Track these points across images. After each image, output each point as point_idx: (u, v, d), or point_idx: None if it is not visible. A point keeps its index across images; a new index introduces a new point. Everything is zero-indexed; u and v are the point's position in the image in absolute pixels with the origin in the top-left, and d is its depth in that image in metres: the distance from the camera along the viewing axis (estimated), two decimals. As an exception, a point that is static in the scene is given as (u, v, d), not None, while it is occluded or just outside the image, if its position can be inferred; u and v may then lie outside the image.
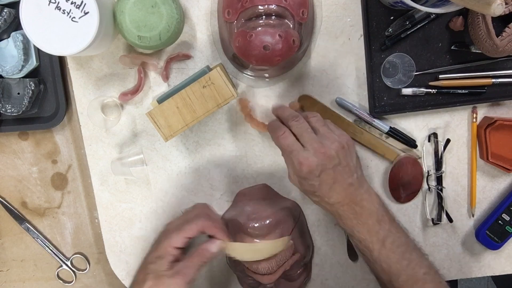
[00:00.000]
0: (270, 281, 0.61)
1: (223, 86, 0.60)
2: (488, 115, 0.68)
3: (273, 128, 0.58)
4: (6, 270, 0.76)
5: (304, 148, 0.54)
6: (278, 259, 0.61)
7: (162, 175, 0.71)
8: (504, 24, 0.59)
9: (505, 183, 0.71)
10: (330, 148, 0.53)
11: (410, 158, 0.68)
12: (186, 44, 0.67)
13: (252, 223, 0.61)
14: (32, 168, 0.73)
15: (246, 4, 0.57)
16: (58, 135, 0.72)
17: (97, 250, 0.75)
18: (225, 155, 0.70)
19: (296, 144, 0.54)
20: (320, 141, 0.54)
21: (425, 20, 0.64)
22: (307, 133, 0.55)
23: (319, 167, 0.53)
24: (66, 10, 0.54)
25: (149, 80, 0.68)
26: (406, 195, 0.70)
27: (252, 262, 0.60)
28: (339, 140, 0.55)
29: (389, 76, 0.67)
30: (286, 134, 0.55)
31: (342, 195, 0.55)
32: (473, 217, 0.72)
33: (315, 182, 0.53)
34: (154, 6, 0.57)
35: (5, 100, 0.66)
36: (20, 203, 0.74)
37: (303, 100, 0.67)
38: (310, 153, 0.53)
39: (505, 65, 0.66)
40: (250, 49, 0.56)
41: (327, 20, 0.66)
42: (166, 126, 0.61)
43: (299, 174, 0.54)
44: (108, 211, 0.72)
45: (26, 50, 0.65)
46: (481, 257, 0.73)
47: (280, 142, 0.55)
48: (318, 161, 0.52)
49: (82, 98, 0.68)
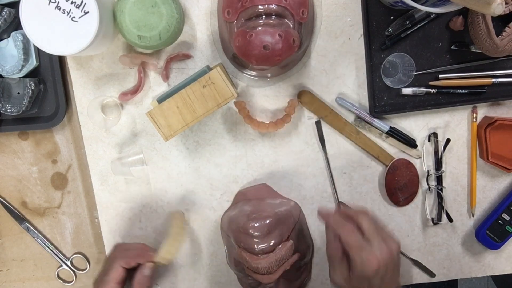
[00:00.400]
0: (270, 281, 0.61)
1: (223, 86, 0.60)
2: (488, 115, 0.68)
3: (338, 223, 0.55)
4: (6, 270, 0.76)
5: (370, 246, 0.52)
6: (278, 259, 0.61)
7: (162, 175, 0.71)
8: (504, 24, 0.60)
9: (505, 183, 0.71)
10: (393, 249, 0.53)
11: (403, 161, 0.68)
12: (186, 44, 0.67)
13: (252, 223, 0.61)
14: (32, 168, 0.73)
15: (246, 4, 0.57)
16: (58, 135, 0.72)
17: (97, 250, 0.75)
18: (225, 155, 0.70)
19: (362, 241, 0.53)
20: (383, 240, 0.53)
21: (425, 19, 0.64)
22: (369, 233, 0.54)
23: (384, 267, 0.52)
24: (66, 10, 0.54)
25: (149, 80, 0.68)
26: (405, 198, 0.70)
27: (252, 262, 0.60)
28: (396, 242, 0.54)
29: (389, 76, 0.67)
30: (354, 231, 0.53)
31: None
32: (473, 217, 0.72)
33: (376, 281, 0.52)
34: (154, 6, 0.57)
35: (5, 100, 0.66)
36: (20, 203, 0.74)
37: (303, 96, 0.67)
38: (377, 252, 0.52)
39: (505, 65, 0.66)
40: (250, 48, 0.56)
41: (327, 20, 0.66)
42: (166, 126, 0.61)
43: (363, 273, 0.52)
44: (108, 211, 0.72)
45: (26, 50, 0.65)
46: (481, 257, 0.73)
47: (350, 238, 0.53)
48: (385, 260, 0.52)
49: (82, 98, 0.68)
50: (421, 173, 0.70)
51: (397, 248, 0.54)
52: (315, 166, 0.70)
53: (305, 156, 0.70)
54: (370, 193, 0.71)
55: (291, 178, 0.70)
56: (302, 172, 0.70)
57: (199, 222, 0.72)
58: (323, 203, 0.71)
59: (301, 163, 0.70)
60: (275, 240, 0.61)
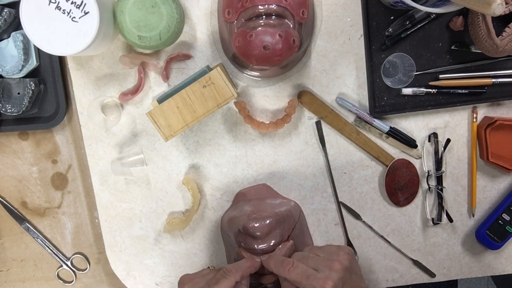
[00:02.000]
0: (270, 281, 0.61)
1: (223, 86, 0.60)
2: (488, 115, 0.68)
3: (277, 264, 0.54)
4: (6, 270, 0.76)
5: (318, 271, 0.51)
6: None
7: (162, 175, 0.71)
8: (504, 24, 0.60)
9: (505, 183, 0.71)
10: (342, 260, 0.52)
11: (403, 161, 0.68)
12: (186, 44, 0.67)
13: (252, 223, 0.61)
14: (32, 168, 0.73)
15: (246, 4, 0.57)
16: (58, 135, 0.72)
17: (97, 250, 0.75)
18: (225, 155, 0.70)
19: (309, 269, 0.51)
20: (328, 258, 0.52)
21: (425, 20, 0.64)
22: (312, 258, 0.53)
23: (340, 281, 0.50)
24: (66, 10, 0.54)
25: (149, 80, 0.68)
26: (405, 199, 0.70)
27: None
28: (344, 251, 0.53)
29: (389, 76, 0.67)
30: (296, 264, 0.52)
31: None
32: (473, 217, 0.72)
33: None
34: (154, 6, 0.57)
35: (5, 100, 0.66)
36: (20, 203, 0.74)
37: (303, 96, 0.67)
38: (326, 272, 0.50)
39: (505, 65, 0.66)
40: (250, 49, 0.56)
41: (327, 20, 0.66)
42: (166, 126, 0.61)
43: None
44: (108, 211, 0.72)
45: (26, 50, 0.65)
46: (481, 257, 0.73)
47: (292, 274, 0.52)
48: (338, 275, 0.50)
49: (82, 98, 0.68)
50: (421, 173, 0.70)
51: (347, 256, 0.53)
52: (315, 166, 0.70)
53: (305, 156, 0.70)
54: (370, 193, 0.71)
55: (291, 178, 0.70)
56: (302, 172, 0.70)
57: (199, 222, 0.72)
58: (323, 203, 0.71)
59: (301, 163, 0.70)
60: (275, 240, 0.60)
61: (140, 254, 0.73)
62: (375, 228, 0.71)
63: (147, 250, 0.73)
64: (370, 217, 0.71)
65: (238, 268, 0.55)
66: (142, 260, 0.73)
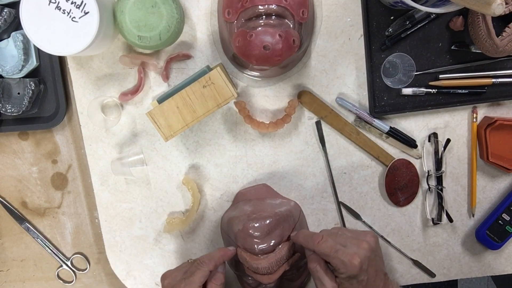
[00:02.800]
0: (270, 281, 0.61)
1: (223, 86, 0.60)
2: (488, 115, 0.68)
3: (307, 237, 0.56)
4: (6, 270, 0.76)
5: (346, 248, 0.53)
6: (278, 259, 0.61)
7: (162, 175, 0.71)
8: (504, 24, 0.60)
9: (505, 183, 0.71)
10: (370, 241, 0.54)
11: (403, 161, 0.68)
12: (186, 44, 0.67)
13: (252, 223, 0.61)
14: (32, 168, 0.73)
15: (246, 4, 0.57)
16: (58, 135, 0.72)
17: (97, 250, 0.75)
18: (225, 155, 0.70)
19: (338, 244, 0.53)
20: (356, 237, 0.54)
21: (425, 20, 0.64)
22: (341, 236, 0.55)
23: (366, 259, 0.52)
24: (66, 10, 0.54)
25: (149, 80, 0.68)
26: (405, 199, 0.70)
27: (252, 262, 0.60)
28: (370, 233, 0.55)
29: (389, 76, 0.67)
30: (325, 238, 0.54)
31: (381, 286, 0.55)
32: (473, 217, 0.72)
33: (363, 277, 0.52)
34: (154, 6, 0.57)
35: (5, 100, 0.66)
36: (20, 203, 0.74)
37: (303, 96, 0.67)
38: (355, 248, 0.52)
39: (505, 65, 0.66)
40: (250, 49, 0.56)
41: (327, 20, 0.66)
42: (166, 126, 0.61)
43: (350, 273, 0.52)
44: (108, 211, 0.72)
45: (26, 50, 0.65)
46: (481, 257, 0.73)
47: (322, 247, 0.54)
48: (365, 253, 0.52)
49: (82, 98, 0.68)
50: (421, 173, 0.70)
51: (373, 238, 0.55)
52: (315, 166, 0.70)
53: (305, 156, 0.70)
54: (370, 193, 0.71)
55: (291, 178, 0.70)
56: (302, 172, 0.70)
57: (199, 222, 0.72)
58: (323, 203, 0.71)
59: (301, 163, 0.70)
60: (275, 240, 0.60)
61: (140, 254, 0.73)
62: (375, 228, 0.72)
63: (147, 250, 0.73)
64: (370, 217, 0.71)
65: (211, 258, 0.59)
66: (142, 260, 0.73)
